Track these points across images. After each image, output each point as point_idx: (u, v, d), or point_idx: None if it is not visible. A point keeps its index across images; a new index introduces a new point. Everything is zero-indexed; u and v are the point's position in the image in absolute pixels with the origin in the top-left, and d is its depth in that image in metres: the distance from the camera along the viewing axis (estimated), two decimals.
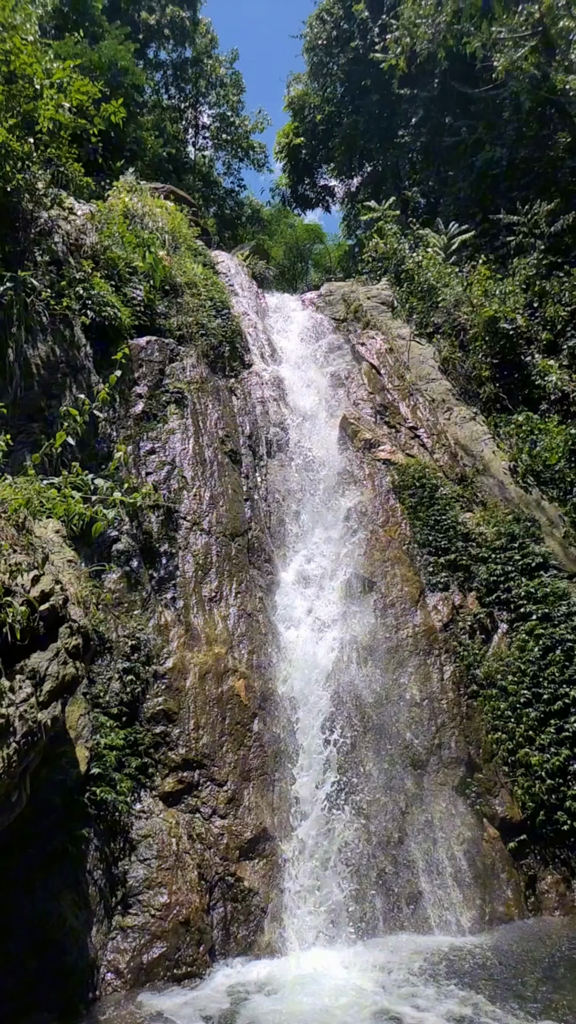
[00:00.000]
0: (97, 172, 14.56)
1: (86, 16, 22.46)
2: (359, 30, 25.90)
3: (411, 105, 23.78)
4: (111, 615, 7.94)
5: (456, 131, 21.45)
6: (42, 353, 9.04)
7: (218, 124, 34.35)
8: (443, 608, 9.42)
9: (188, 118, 34.06)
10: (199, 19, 33.18)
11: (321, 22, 27.63)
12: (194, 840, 6.96)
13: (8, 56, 8.65)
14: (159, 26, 31.59)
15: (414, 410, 12.69)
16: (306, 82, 30.11)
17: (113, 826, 6.69)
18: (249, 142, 34.51)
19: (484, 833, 7.77)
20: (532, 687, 8.63)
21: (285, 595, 9.78)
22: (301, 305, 18.15)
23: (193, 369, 11.56)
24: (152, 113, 28.25)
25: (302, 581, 10.01)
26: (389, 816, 7.61)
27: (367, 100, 26.53)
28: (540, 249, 15.79)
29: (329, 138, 29.46)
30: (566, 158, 17.44)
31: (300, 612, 9.56)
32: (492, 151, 19.36)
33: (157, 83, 32.93)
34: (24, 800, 5.42)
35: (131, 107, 19.81)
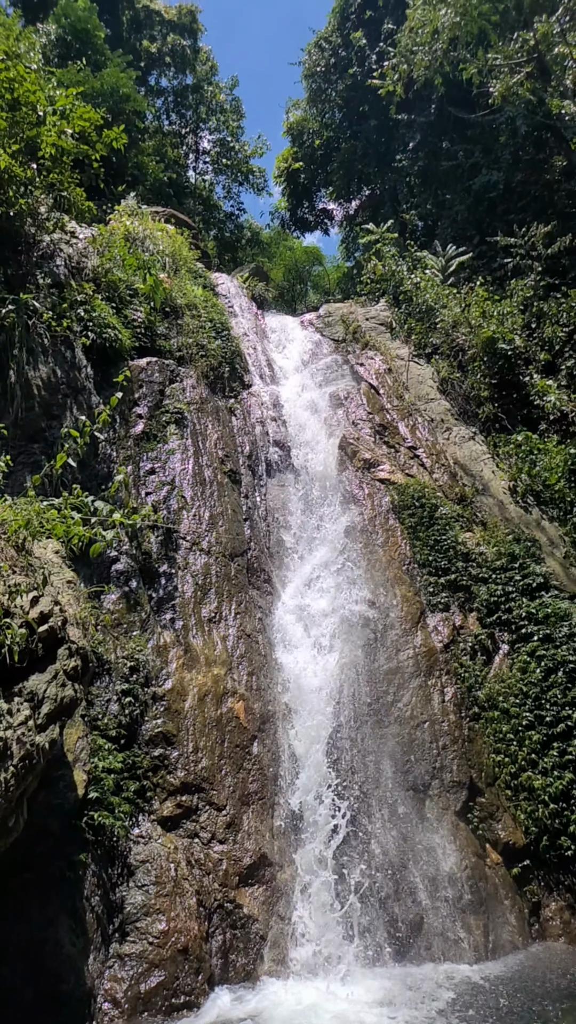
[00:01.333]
0: (99, 196, 14.73)
1: (89, 45, 22.90)
2: (357, 57, 26.35)
3: (408, 130, 24.13)
4: (110, 636, 7.89)
5: (453, 155, 21.75)
6: (43, 374, 9.08)
7: (218, 149, 34.84)
8: (444, 629, 9.37)
9: (189, 143, 34.54)
10: (199, 47, 33.81)
11: (319, 50, 28.12)
12: (193, 866, 6.86)
13: (12, 84, 8.79)
14: (160, 54, 32.19)
15: (413, 430, 12.73)
16: (305, 108, 30.58)
17: (111, 851, 6.60)
18: (249, 166, 34.98)
19: (487, 859, 7.66)
20: (534, 709, 8.55)
21: (285, 615, 9.74)
22: (300, 326, 18.29)
23: (193, 390, 11.62)
24: (153, 138, 28.65)
25: (302, 601, 9.96)
26: (391, 841, 7.50)
27: (365, 125, 26.92)
28: (537, 271, 15.94)
29: (328, 162, 29.86)
30: (562, 181, 17.66)
31: (300, 633, 9.50)
32: (489, 175, 19.61)
33: (158, 109, 33.47)
34: (21, 825, 5.35)
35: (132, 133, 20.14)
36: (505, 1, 17.50)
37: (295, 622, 9.62)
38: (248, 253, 33.38)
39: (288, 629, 9.53)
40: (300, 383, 14.99)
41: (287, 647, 9.31)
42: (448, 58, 18.61)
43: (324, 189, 31.88)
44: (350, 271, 28.40)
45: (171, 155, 29.33)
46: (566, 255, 15.93)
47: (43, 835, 6.13)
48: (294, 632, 9.49)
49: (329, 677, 8.75)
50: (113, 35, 28.59)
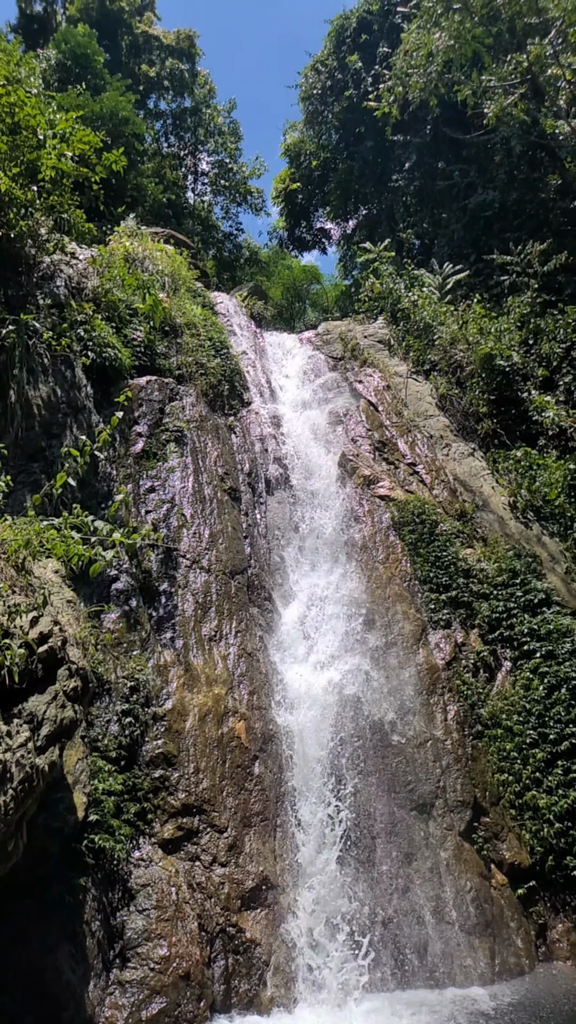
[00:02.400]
0: (99, 218, 14.89)
1: (88, 69, 23.24)
2: (353, 80, 26.71)
3: (404, 151, 24.41)
4: (110, 656, 7.85)
5: (449, 175, 21.98)
6: (43, 394, 9.11)
7: (216, 170, 35.24)
8: (445, 646, 9.32)
9: (187, 165, 34.96)
10: (198, 71, 34.34)
11: (316, 73, 28.52)
12: (194, 889, 6.77)
13: (13, 108, 8.90)
14: (159, 78, 32.68)
15: (412, 446, 12.75)
16: (302, 130, 30.96)
17: (111, 875, 6.51)
18: (247, 187, 35.37)
19: (492, 880, 7.56)
20: (538, 727, 8.48)
21: (285, 633, 9.69)
22: (299, 344, 18.39)
23: (192, 408, 11.65)
24: (152, 160, 29.01)
25: (302, 619, 9.92)
26: (394, 863, 7.41)
27: (361, 146, 27.25)
28: (534, 288, 16.05)
29: (325, 183, 30.20)
30: (557, 199, 17.85)
31: (301, 651, 9.46)
32: (484, 194, 19.81)
33: (157, 132, 33.91)
34: (21, 849, 5.29)
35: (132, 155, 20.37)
36: (498, 24, 17.79)
37: (296, 640, 9.58)
38: (247, 272, 33.67)
39: (289, 647, 9.49)
40: (299, 400, 15.05)
41: (288, 665, 9.26)
42: (443, 80, 18.89)
43: (321, 209, 32.20)
44: (348, 289, 28.61)
45: (170, 176, 29.70)
46: (562, 272, 16.06)
47: (42, 859, 6.06)
48: (295, 650, 9.45)
49: (331, 695, 8.69)
50: (112, 60, 29.03)
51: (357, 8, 27.15)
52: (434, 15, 18.32)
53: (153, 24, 33.58)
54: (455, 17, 17.70)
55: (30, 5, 32.02)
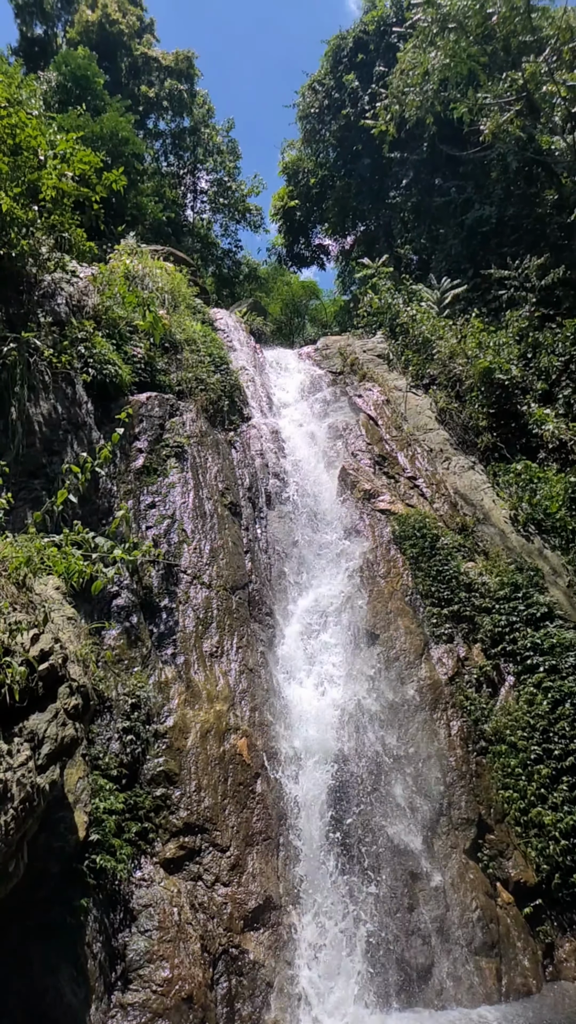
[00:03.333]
0: (99, 236, 15.00)
1: (88, 91, 23.53)
2: (350, 99, 27.04)
3: (401, 167, 24.67)
4: (111, 673, 7.81)
5: (446, 191, 22.20)
6: (44, 411, 9.13)
7: (215, 189, 35.61)
8: (448, 661, 9.27)
9: (187, 184, 35.33)
10: (196, 91, 34.79)
11: (313, 92, 28.88)
12: (196, 910, 6.68)
13: (14, 130, 8.99)
14: (158, 98, 33.09)
15: (413, 460, 12.77)
16: (299, 148, 31.31)
17: (113, 895, 6.43)
18: (245, 205, 35.71)
19: (498, 898, 7.47)
20: (542, 743, 8.41)
21: (287, 649, 9.65)
22: (298, 359, 18.48)
23: (193, 423, 11.67)
24: (152, 179, 29.29)
25: (304, 634, 9.88)
26: (399, 881, 7.33)
27: (359, 164, 27.53)
28: (532, 302, 16.16)
29: (323, 200, 30.48)
30: (554, 214, 18.01)
31: (303, 666, 9.41)
32: (481, 209, 19.99)
33: (157, 151, 34.30)
34: (22, 870, 5.23)
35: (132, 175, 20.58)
36: (493, 43, 18.06)
37: (298, 656, 9.53)
38: (246, 288, 33.90)
39: (291, 663, 9.44)
40: (299, 415, 15.09)
41: (290, 681, 9.21)
42: (439, 98, 19.14)
43: (320, 225, 32.50)
44: (347, 304, 28.81)
45: (170, 195, 29.98)
46: (560, 286, 16.18)
47: (43, 879, 5.99)
48: (297, 666, 9.40)
49: (333, 712, 8.64)
50: (112, 81, 29.41)
51: (353, 28, 27.57)
52: (429, 35, 18.60)
53: (152, 46, 34.08)
54: (450, 36, 17.97)
55: (31, 28, 32.54)
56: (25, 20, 32.35)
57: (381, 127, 20.58)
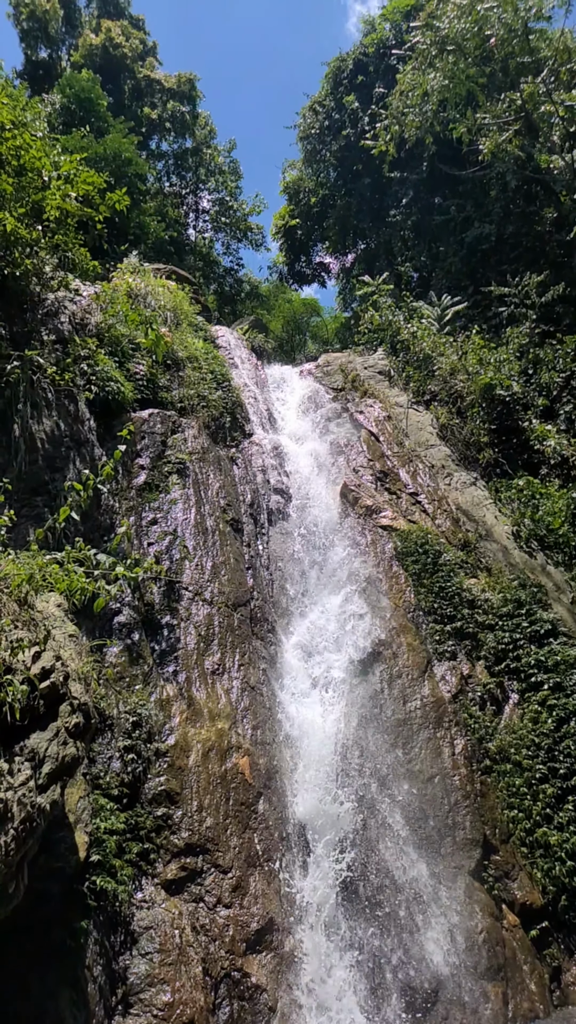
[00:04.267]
0: (102, 255, 15.14)
1: (92, 113, 23.85)
2: (350, 119, 27.37)
3: (401, 187, 24.90)
4: (112, 690, 7.76)
5: (445, 210, 22.39)
6: (47, 428, 9.16)
7: (217, 208, 35.97)
8: (451, 678, 9.21)
9: (189, 203, 35.70)
10: (198, 113, 35.24)
11: (314, 113, 29.24)
12: (198, 932, 6.59)
13: (18, 151, 9.10)
14: (161, 120, 33.53)
15: (414, 476, 12.77)
16: (300, 168, 31.65)
17: (113, 917, 6.35)
18: (247, 224, 36.05)
19: (504, 921, 7.36)
20: (547, 761, 8.32)
21: (289, 666, 9.60)
22: (300, 376, 18.55)
23: (195, 440, 11.70)
24: (154, 199, 29.61)
25: (306, 652, 9.84)
26: (403, 904, 7.22)
27: (359, 183, 27.80)
28: (532, 319, 16.24)
29: (323, 218, 30.76)
30: (553, 232, 18.14)
31: (305, 684, 9.35)
32: (481, 227, 20.15)
33: (159, 172, 34.71)
34: (22, 891, 5.16)
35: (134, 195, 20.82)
36: (492, 64, 18.30)
37: (300, 673, 9.48)
38: (247, 306, 34.14)
39: (293, 680, 9.38)
40: (300, 431, 15.12)
41: (292, 699, 9.15)
42: (438, 118, 19.36)
43: (320, 244, 32.77)
44: (348, 321, 28.97)
45: (172, 214, 30.30)
46: (560, 303, 16.27)
47: (43, 901, 5.92)
48: (299, 683, 9.34)
49: (336, 730, 8.57)
50: (115, 103, 29.83)
51: (353, 51, 27.95)
52: (428, 57, 18.84)
53: (155, 69, 34.58)
54: (449, 58, 18.21)
55: (36, 52, 33.06)
56: (30, 44, 32.88)
57: (381, 147, 20.81)
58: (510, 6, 17.00)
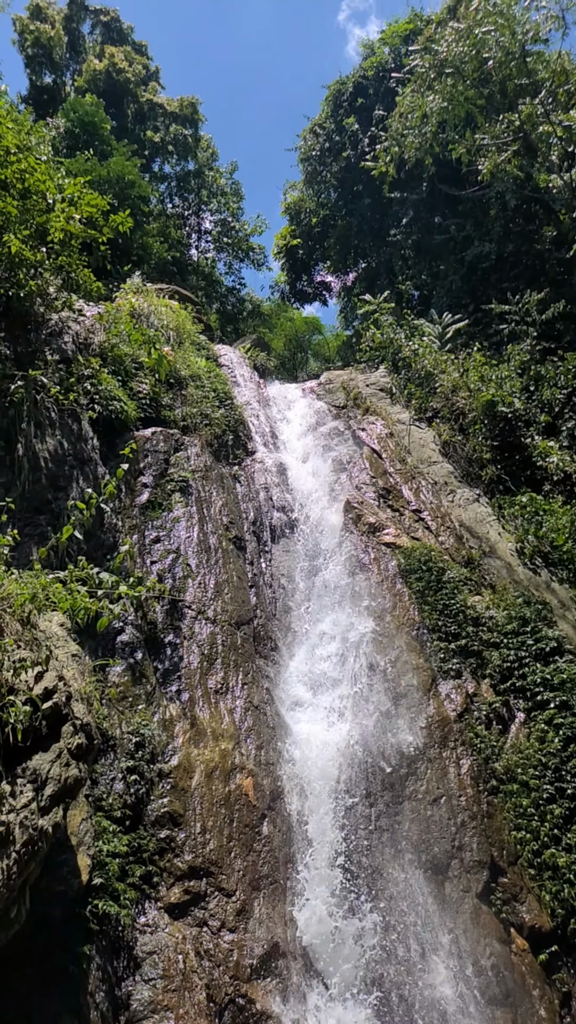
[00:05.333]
0: (106, 276, 15.27)
1: (96, 136, 24.19)
2: (350, 141, 27.69)
3: (401, 207, 25.13)
4: (115, 710, 7.72)
5: (445, 229, 22.58)
6: (50, 447, 9.19)
7: (219, 229, 36.36)
8: (456, 697, 9.13)
9: (191, 224, 36.09)
10: (200, 136, 35.73)
11: (314, 135, 29.61)
12: (202, 957, 6.49)
13: (23, 174, 9.22)
14: (163, 143, 33.98)
15: (417, 493, 12.76)
16: (301, 189, 31.99)
17: (116, 941, 6.26)
18: (249, 244, 36.41)
19: (512, 944, 7.23)
20: (555, 781, 8.20)
21: (292, 686, 9.54)
22: (302, 393, 18.62)
23: (197, 458, 11.72)
24: (157, 220, 29.93)
25: (310, 670, 9.78)
26: (409, 928, 7.11)
27: (359, 203, 28.07)
28: (533, 336, 16.30)
29: (324, 238, 31.03)
30: (553, 250, 18.26)
31: (308, 703, 9.28)
32: (481, 246, 20.30)
33: (162, 193, 35.15)
34: (23, 915, 5.10)
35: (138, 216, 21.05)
36: (490, 86, 18.54)
37: (304, 692, 9.42)
38: (249, 324, 34.37)
39: (297, 700, 9.32)
40: (303, 449, 15.15)
41: (296, 718, 9.08)
42: (437, 140, 19.59)
43: (322, 263, 33.03)
44: (349, 339, 29.11)
45: (174, 235, 30.62)
46: (560, 320, 16.34)
47: (45, 925, 5.84)
48: (303, 703, 9.28)
49: (340, 750, 8.48)
50: (119, 126, 30.26)
51: (353, 74, 28.36)
52: (427, 79, 19.12)
53: (158, 93, 35.12)
54: (448, 81, 18.47)
55: (40, 77, 33.62)
56: (35, 70, 33.45)
57: (381, 168, 21.05)
58: (507, 30, 17.27)
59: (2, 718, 4.86)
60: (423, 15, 26.14)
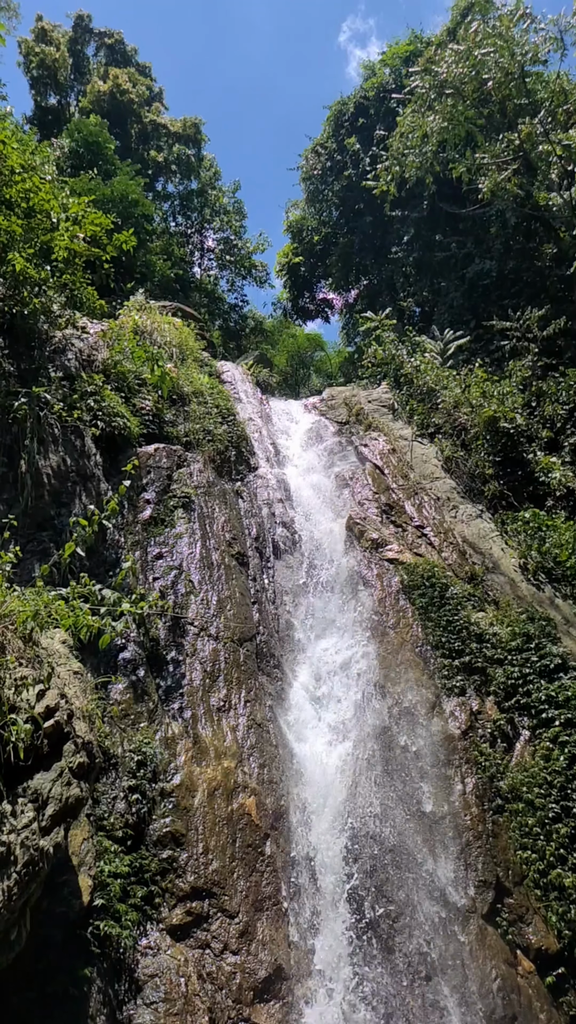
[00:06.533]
0: (109, 293, 15.39)
1: (100, 156, 24.48)
2: (351, 161, 28.01)
3: (402, 225, 25.36)
4: (117, 728, 7.66)
5: (446, 247, 22.76)
6: (53, 463, 9.21)
7: (222, 247, 36.69)
8: (460, 714, 9.06)
9: (194, 242, 36.42)
10: (203, 155, 36.16)
11: (316, 155, 29.95)
12: (204, 980, 6.40)
13: (28, 194, 9.33)
14: (167, 162, 34.38)
15: (420, 509, 12.75)
16: (303, 208, 32.31)
17: (117, 964, 6.17)
18: (251, 262, 36.71)
19: (518, 967, 7.12)
20: (560, 800, 8.11)
21: (296, 703, 9.47)
22: (304, 409, 18.68)
23: (200, 474, 11.73)
24: (160, 239, 30.21)
25: (313, 687, 9.72)
26: (414, 950, 7.01)
27: (361, 221, 28.34)
28: (534, 352, 16.39)
29: (326, 256, 31.29)
30: (553, 267, 18.40)
31: (312, 721, 9.21)
32: (482, 263, 20.46)
33: (165, 212, 35.51)
34: (24, 938, 5.04)
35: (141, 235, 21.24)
36: (490, 106, 18.78)
37: (307, 710, 9.35)
38: (252, 341, 34.56)
39: (300, 717, 9.25)
40: (305, 465, 15.16)
41: (299, 736, 9.01)
42: (438, 159, 19.82)
43: (324, 280, 33.29)
44: (351, 356, 29.26)
45: (177, 253, 30.89)
46: (561, 336, 16.42)
47: (46, 947, 5.76)
48: (306, 720, 9.20)
49: (344, 768, 8.42)
50: (122, 146, 30.63)
51: (354, 94, 28.75)
52: (427, 100, 19.37)
53: (161, 113, 35.58)
54: (448, 101, 18.71)
55: (45, 99, 34.11)
56: (40, 91, 33.94)
57: (382, 187, 21.27)
58: (507, 51, 17.51)
59: (3, 736, 4.83)
60: (423, 37, 26.56)
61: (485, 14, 20.59)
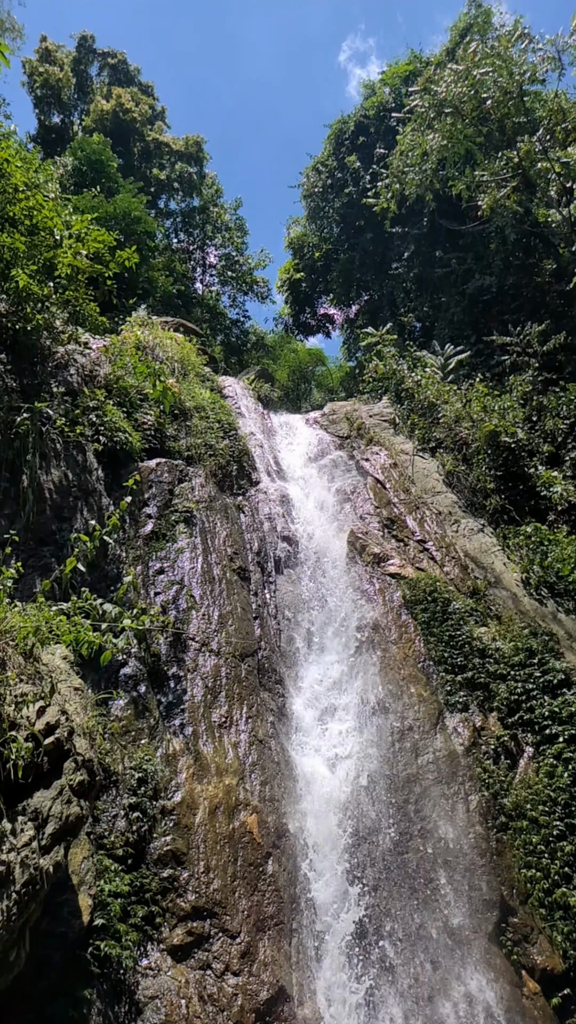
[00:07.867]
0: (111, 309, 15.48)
1: (103, 174, 24.72)
2: (352, 178, 28.27)
3: (403, 241, 25.55)
4: (117, 745, 7.61)
5: (446, 263, 22.91)
6: (55, 478, 9.22)
7: (224, 263, 36.95)
8: (464, 730, 8.99)
9: (196, 258, 36.69)
10: (205, 173, 36.51)
11: (317, 172, 30.25)
12: (205, 1001, 6.30)
13: (31, 211, 9.41)
14: (169, 180, 34.72)
15: (421, 523, 12.73)
16: (304, 224, 32.58)
17: (117, 985, 6.08)
18: (253, 278, 36.95)
19: (523, 988, 7.01)
20: (564, 817, 8.01)
21: (297, 719, 9.41)
22: (306, 424, 18.72)
23: (202, 488, 11.73)
24: (163, 255, 30.45)
25: (315, 703, 9.66)
26: (418, 969, 6.92)
27: (362, 238, 28.55)
28: (534, 367, 16.43)
29: (327, 272, 31.50)
30: (553, 283, 18.50)
31: (314, 737, 9.15)
32: (482, 279, 20.57)
33: (167, 229, 35.83)
34: (23, 958, 4.98)
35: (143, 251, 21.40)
36: (489, 125, 18.97)
37: (309, 726, 9.29)
38: (254, 356, 34.72)
39: (301, 733, 9.19)
40: (307, 479, 15.17)
41: (301, 753, 8.94)
42: (437, 176, 20.01)
43: (325, 296, 33.49)
44: (352, 370, 29.36)
45: (179, 269, 31.13)
46: (562, 351, 16.48)
47: (45, 968, 5.68)
48: (308, 736, 9.14)
49: (346, 785, 8.35)
50: (125, 164, 30.96)
51: (354, 113, 29.07)
52: (427, 118, 19.58)
53: (163, 132, 35.97)
54: (447, 120, 18.92)
55: (48, 117, 34.51)
56: (43, 110, 34.34)
57: (383, 204, 21.46)
58: (505, 71, 17.72)
59: (3, 754, 4.79)
60: (422, 57, 26.88)
61: (484, 34, 20.90)
